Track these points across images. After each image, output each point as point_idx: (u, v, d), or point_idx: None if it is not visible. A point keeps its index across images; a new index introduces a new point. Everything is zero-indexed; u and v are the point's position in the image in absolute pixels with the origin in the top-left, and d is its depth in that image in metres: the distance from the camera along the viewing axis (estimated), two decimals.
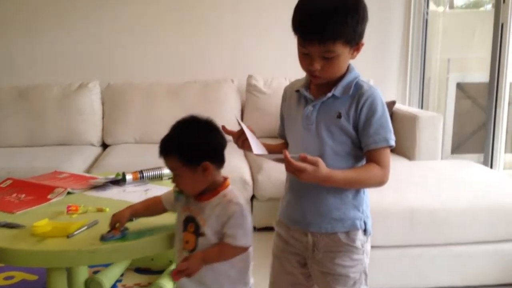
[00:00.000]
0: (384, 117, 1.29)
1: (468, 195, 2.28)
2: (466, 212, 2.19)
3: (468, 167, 2.74)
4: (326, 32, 1.20)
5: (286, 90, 1.48)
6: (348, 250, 1.36)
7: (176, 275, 1.32)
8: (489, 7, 4.86)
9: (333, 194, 1.33)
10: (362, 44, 1.28)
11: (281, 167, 1.32)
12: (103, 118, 3.64)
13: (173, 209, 1.49)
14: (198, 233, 1.36)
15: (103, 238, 1.44)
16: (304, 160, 1.19)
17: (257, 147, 1.28)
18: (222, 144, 1.38)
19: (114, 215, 1.48)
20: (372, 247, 1.42)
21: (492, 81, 2.93)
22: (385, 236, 2.15)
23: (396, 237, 2.20)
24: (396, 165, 2.85)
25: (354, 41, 1.25)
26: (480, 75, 3.89)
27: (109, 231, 1.45)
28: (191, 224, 1.38)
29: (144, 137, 3.50)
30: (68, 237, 1.47)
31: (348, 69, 1.32)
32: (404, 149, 3.16)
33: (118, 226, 1.46)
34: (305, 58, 1.27)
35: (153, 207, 1.54)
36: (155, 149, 1.36)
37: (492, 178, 2.55)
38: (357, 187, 1.34)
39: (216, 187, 1.38)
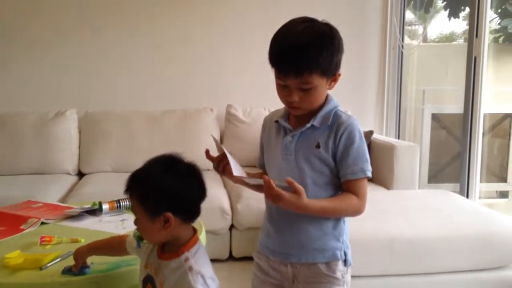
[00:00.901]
0: (361, 148, 1.30)
1: (446, 225, 2.30)
2: (445, 241, 2.21)
3: (445, 196, 2.77)
4: (301, 64, 1.21)
5: (266, 120, 1.48)
6: (329, 281, 1.34)
7: None
8: (461, 41, 5.03)
9: (314, 225, 1.32)
10: (339, 75, 1.30)
11: (260, 196, 1.32)
12: (79, 146, 3.59)
13: (137, 254, 1.33)
14: None
15: (63, 271, 1.39)
16: (290, 184, 1.20)
17: (236, 169, 1.26)
18: (197, 196, 1.22)
19: (74, 252, 1.40)
20: (352, 276, 1.41)
21: (467, 112, 2.99)
22: (365, 266, 2.14)
23: (376, 267, 2.19)
24: (375, 194, 2.86)
25: (331, 72, 1.27)
26: (454, 106, 3.99)
27: (72, 266, 1.40)
28: (149, 285, 1.24)
29: (121, 166, 3.45)
30: (41, 269, 1.42)
31: (326, 100, 1.34)
32: (382, 178, 3.19)
33: (76, 263, 1.38)
34: (283, 90, 1.28)
35: (116, 247, 1.39)
36: None
37: (469, 207, 2.58)
38: (333, 216, 1.33)
39: (179, 246, 1.21)
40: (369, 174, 1.30)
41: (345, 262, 1.36)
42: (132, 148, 3.48)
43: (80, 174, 3.55)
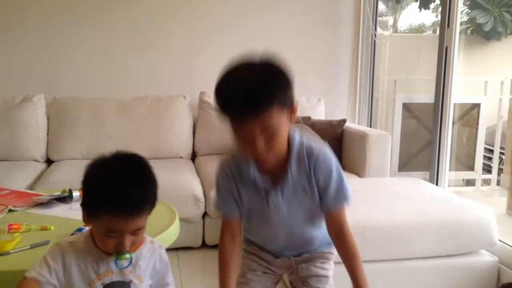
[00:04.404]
0: (340, 176, 1.33)
1: (417, 212, 2.33)
2: (415, 228, 2.24)
3: (416, 184, 2.82)
4: (258, 100, 1.14)
5: (226, 170, 1.35)
6: (326, 257, 1.49)
7: None
8: (430, 32, 5.11)
9: (315, 233, 1.43)
10: (296, 108, 1.24)
11: None
12: (48, 133, 3.50)
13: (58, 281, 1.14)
14: None
15: None
16: None
17: None
18: None
19: None
20: None
21: (437, 102, 3.03)
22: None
23: None
24: (348, 182, 2.89)
25: (288, 103, 1.20)
26: (425, 96, 4.06)
27: None
28: None
29: (91, 153, 3.37)
30: (1, 255, 1.40)
31: (289, 137, 1.28)
32: (354, 166, 3.21)
33: None
34: (245, 142, 1.20)
35: None
36: None
37: (439, 195, 2.63)
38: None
39: None
40: (351, 199, 1.35)
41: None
42: (102, 135, 3.42)
43: (49, 161, 3.47)
